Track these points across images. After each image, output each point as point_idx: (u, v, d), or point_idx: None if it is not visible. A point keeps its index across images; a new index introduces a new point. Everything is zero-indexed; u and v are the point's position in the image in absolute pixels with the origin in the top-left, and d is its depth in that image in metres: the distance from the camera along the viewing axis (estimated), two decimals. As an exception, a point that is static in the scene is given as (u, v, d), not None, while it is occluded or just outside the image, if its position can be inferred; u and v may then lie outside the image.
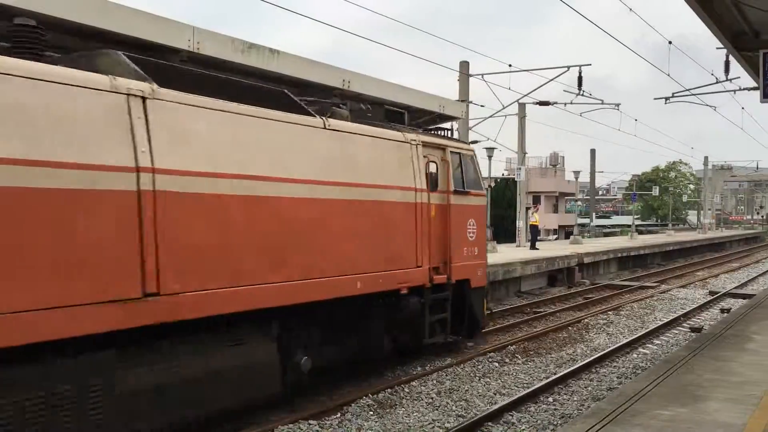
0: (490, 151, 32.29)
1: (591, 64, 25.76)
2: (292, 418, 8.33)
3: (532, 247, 27.52)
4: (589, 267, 26.47)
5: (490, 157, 32.59)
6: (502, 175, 51.16)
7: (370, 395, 9.40)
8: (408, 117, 11.45)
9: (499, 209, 43.55)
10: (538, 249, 27.11)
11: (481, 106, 23.86)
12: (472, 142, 22.23)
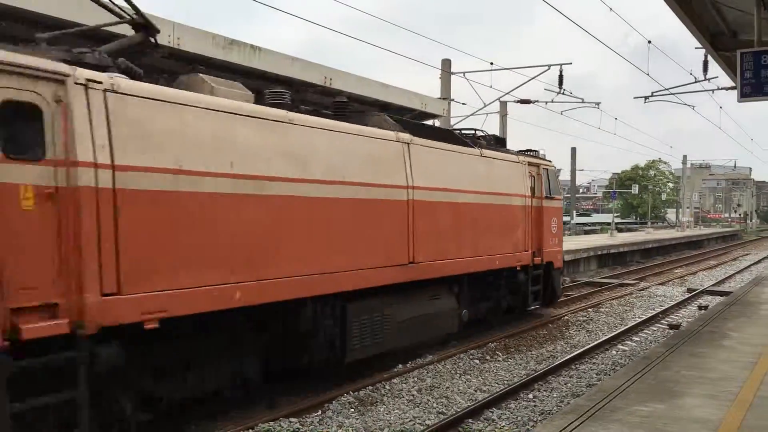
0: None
1: (572, 63, 25.87)
2: (273, 416, 8.31)
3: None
4: (569, 264, 26.58)
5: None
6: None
7: (351, 392, 9.41)
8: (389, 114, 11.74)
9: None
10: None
11: (463, 104, 23.94)
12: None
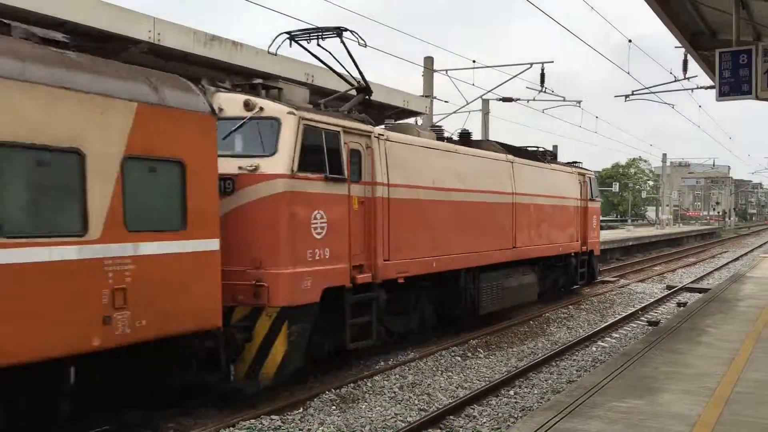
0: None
1: (553, 62, 26.04)
2: (254, 414, 8.27)
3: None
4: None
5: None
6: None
7: (332, 390, 9.39)
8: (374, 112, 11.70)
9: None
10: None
11: (445, 102, 24.02)
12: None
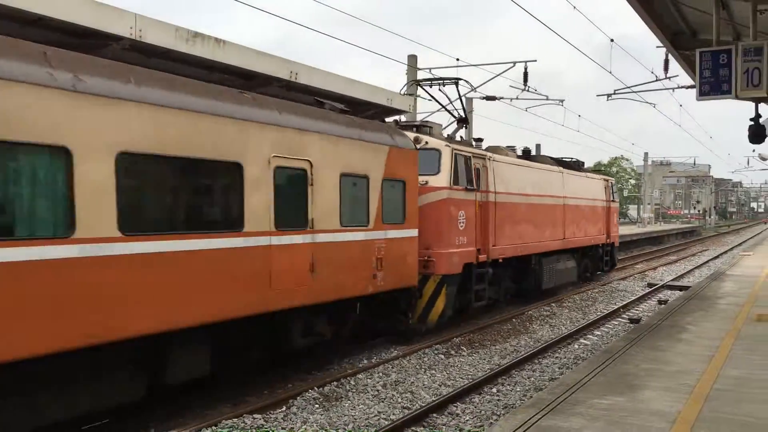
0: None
1: (536, 60, 26.10)
2: (237, 413, 8.24)
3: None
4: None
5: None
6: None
7: (315, 388, 9.38)
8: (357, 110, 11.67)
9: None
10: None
11: (429, 100, 23.88)
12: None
